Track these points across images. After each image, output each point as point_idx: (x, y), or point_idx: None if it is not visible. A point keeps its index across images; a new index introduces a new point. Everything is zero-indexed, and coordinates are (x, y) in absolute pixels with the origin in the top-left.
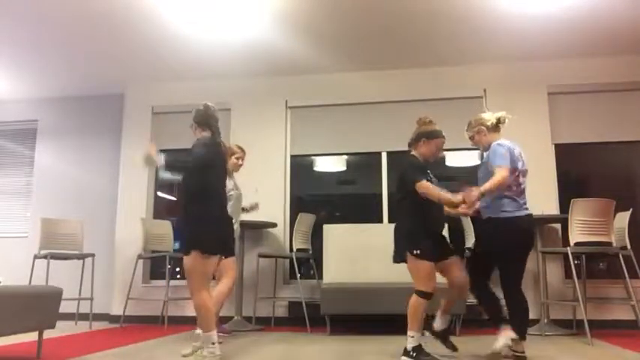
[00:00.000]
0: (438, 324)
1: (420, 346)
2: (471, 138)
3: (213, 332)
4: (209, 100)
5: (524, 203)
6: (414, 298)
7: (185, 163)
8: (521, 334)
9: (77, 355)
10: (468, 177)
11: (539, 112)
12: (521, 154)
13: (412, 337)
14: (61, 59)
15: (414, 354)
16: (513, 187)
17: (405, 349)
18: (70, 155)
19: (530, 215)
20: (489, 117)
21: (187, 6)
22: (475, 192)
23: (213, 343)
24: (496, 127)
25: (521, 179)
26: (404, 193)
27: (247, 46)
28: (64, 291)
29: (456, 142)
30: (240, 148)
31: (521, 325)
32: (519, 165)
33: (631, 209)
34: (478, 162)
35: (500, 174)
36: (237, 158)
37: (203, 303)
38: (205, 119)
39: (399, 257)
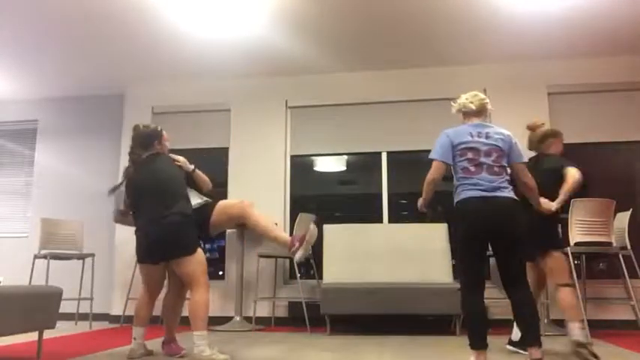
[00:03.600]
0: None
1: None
2: None
3: (137, 326)
4: (209, 100)
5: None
6: (563, 291)
7: None
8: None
9: (77, 355)
10: None
11: (539, 112)
12: (491, 134)
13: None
14: (61, 59)
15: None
16: (471, 168)
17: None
18: (70, 155)
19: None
20: (455, 103)
21: (187, 6)
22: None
23: (135, 338)
24: (464, 114)
25: (482, 158)
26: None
27: (247, 46)
28: (64, 291)
29: None
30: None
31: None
32: (477, 145)
33: (631, 209)
34: None
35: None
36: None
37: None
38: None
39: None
